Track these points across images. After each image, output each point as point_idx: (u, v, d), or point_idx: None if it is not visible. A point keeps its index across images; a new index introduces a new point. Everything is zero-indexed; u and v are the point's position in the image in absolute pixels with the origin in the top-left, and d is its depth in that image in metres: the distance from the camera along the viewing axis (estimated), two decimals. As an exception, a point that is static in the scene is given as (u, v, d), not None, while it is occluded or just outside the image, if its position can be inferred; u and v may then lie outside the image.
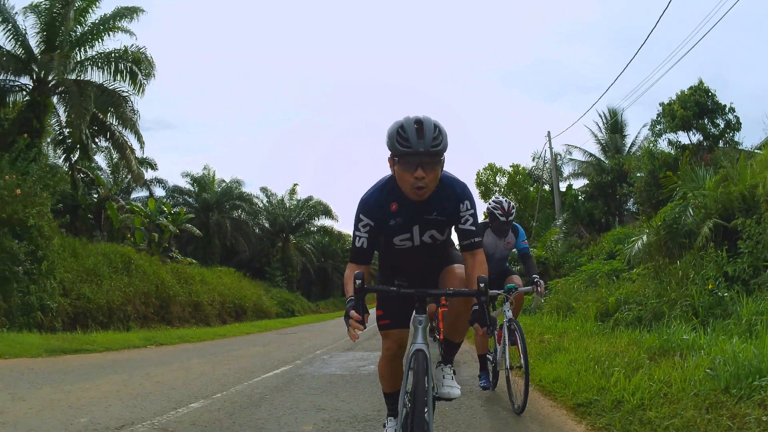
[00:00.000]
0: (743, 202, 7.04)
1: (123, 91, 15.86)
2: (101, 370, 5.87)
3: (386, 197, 2.25)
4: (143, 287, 13.37)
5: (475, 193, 27.22)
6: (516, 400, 3.77)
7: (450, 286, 2.32)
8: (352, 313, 1.96)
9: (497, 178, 27.06)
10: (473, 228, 2.26)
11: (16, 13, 14.36)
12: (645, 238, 7.62)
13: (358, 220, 2.27)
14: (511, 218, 4.29)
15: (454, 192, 2.26)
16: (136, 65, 15.71)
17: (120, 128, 16.47)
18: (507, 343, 3.96)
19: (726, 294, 5.31)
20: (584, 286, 10.52)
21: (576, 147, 24.52)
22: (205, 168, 30.46)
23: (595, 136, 24.23)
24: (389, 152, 2.11)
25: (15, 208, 9.20)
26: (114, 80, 15.71)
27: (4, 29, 14.10)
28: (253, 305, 21.78)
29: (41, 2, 14.47)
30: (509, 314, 4.06)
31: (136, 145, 17.09)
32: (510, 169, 26.65)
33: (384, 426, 2.54)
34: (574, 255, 15.83)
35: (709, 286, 5.52)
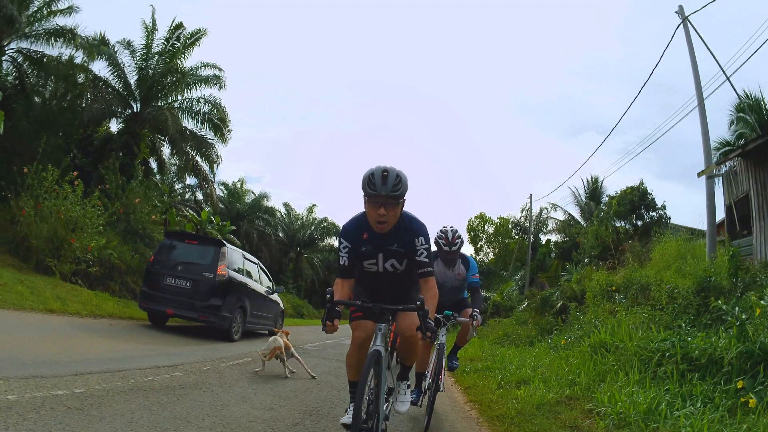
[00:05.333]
0: (583, 293, 13.99)
1: (210, 139, 21.85)
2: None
3: (361, 227, 3.09)
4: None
5: (465, 237, 33.86)
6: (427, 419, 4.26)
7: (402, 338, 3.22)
8: (325, 321, 2.79)
9: (485, 227, 34.00)
10: (426, 260, 3.05)
11: (116, 50, 18.25)
12: (526, 303, 14.70)
13: (340, 243, 3.13)
14: (454, 248, 4.60)
15: (411, 228, 3.06)
16: (221, 121, 21.52)
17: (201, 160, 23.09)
18: (434, 364, 4.49)
19: (538, 337, 12.23)
20: (513, 324, 17.38)
21: (558, 206, 30.14)
22: (238, 180, 37.71)
23: (577, 199, 30.01)
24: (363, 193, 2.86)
25: (145, 225, 15.23)
26: (202, 127, 21.56)
27: (112, 71, 18.34)
28: (275, 305, 28.54)
29: (138, 47, 18.52)
30: (442, 339, 4.57)
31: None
32: (498, 220, 33.71)
33: (346, 411, 3.10)
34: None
35: (533, 333, 12.47)
